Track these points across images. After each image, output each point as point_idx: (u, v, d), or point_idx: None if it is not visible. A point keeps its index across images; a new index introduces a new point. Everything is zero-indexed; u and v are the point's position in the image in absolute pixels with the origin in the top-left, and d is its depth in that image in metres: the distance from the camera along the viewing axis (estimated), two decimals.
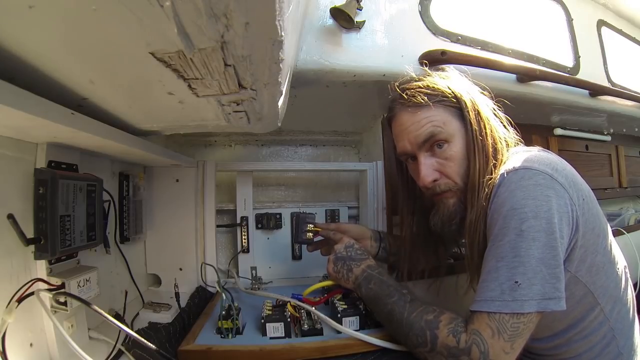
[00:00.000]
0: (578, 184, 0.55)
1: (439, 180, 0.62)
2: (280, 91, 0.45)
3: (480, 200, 0.57)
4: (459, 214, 0.62)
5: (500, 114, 0.66)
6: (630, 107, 1.26)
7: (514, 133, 0.65)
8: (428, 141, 0.61)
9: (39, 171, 0.47)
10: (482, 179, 0.57)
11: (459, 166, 0.61)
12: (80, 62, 0.36)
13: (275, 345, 0.60)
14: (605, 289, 0.57)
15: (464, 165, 0.61)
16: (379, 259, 0.83)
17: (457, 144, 0.61)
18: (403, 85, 0.65)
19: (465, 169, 0.61)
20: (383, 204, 1.00)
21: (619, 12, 1.37)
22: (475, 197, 0.58)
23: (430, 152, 0.62)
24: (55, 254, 0.47)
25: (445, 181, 0.62)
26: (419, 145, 0.62)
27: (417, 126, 0.62)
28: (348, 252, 0.69)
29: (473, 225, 0.58)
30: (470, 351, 0.48)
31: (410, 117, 0.63)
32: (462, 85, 0.64)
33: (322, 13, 0.73)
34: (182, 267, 0.91)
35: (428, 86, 0.63)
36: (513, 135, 0.65)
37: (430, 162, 0.62)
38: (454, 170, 0.61)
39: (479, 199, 0.57)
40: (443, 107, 0.62)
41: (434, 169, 0.62)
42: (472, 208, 0.58)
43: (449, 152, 0.61)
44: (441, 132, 0.60)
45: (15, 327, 0.43)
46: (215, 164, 0.95)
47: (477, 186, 0.58)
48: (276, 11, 0.27)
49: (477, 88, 0.66)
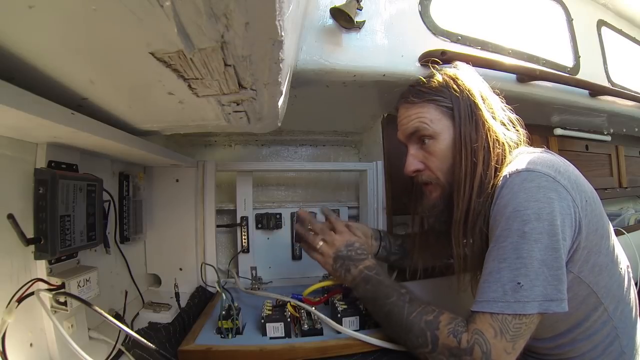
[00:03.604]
0: (581, 186, 0.55)
1: (422, 172, 0.68)
2: (280, 91, 0.45)
3: (464, 199, 0.60)
4: (438, 207, 0.67)
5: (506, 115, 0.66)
6: (630, 107, 1.26)
7: (521, 134, 0.65)
8: (414, 135, 0.67)
9: (39, 171, 0.47)
10: (467, 178, 0.60)
11: (441, 162, 0.65)
12: (80, 62, 0.36)
13: (275, 345, 0.60)
14: (608, 289, 0.57)
15: (447, 162, 0.64)
16: (379, 258, 0.83)
17: (442, 141, 0.64)
18: (413, 81, 0.70)
19: (448, 166, 0.64)
20: (383, 204, 1.00)
21: (619, 12, 1.37)
22: (460, 197, 0.60)
23: (419, 144, 0.68)
24: (55, 254, 0.47)
25: (427, 173, 0.67)
26: (407, 137, 0.69)
27: (407, 120, 0.67)
28: (348, 252, 0.69)
29: (457, 224, 0.61)
30: (473, 351, 0.48)
31: (405, 111, 0.69)
32: (465, 85, 0.64)
33: (322, 13, 0.73)
34: (182, 267, 0.91)
35: (430, 86, 0.66)
36: (519, 137, 0.65)
37: (417, 153, 0.68)
38: (436, 165, 0.65)
39: (463, 198, 0.60)
40: (435, 106, 0.65)
41: (418, 160, 0.68)
42: (457, 207, 0.61)
43: (432, 148, 0.65)
44: (426, 129, 0.65)
45: (15, 327, 0.43)
46: (215, 164, 0.95)
47: (462, 185, 0.60)
48: (276, 11, 0.27)
49: (486, 86, 0.67)
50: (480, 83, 0.67)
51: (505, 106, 0.67)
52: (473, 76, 0.67)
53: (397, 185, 0.98)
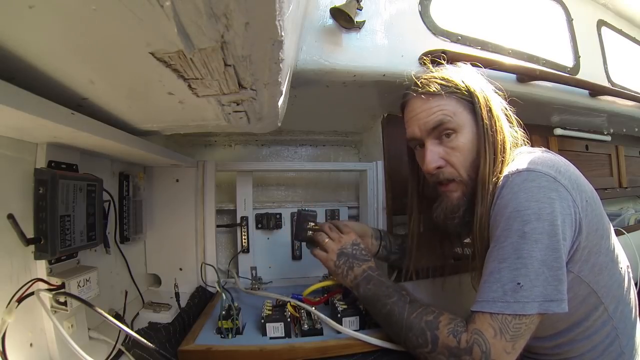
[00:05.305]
0: (581, 186, 0.55)
1: (444, 169, 0.63)
2: (280, 91, 0.45)
3: (489, 195, 0.57)
4: (462, 207, 0.63)
5: (511, 115, 0.66)
6: (630, 107, 1.26)
7: (522, 135, 0.65)
8: (437, 129, 0.62)
9: (39, 171, 0.47)
10: (491, 174, 0.58)
11: (464, 157, 0.61)
12: (80, 62, 0.36)
13: (275, 345, 0.60)
14: (608, 289, 0.57)
15: (470, 157, 0.61)
16: (380, 258, 0.83)
17: (465, 135, 0.62)
18: (419, 75, 0.67)
19: (470, 161, 0.61)
20: (383, 204, 1.00)
21: (619, 12, 1.37)
22: (485, 192, 0.58)
23: (438, 140, 0.63)
24: (55, 254, 0.47)
25: (449, 170, 0.63)
26: (428, 132, 0.63)
27: (428, 113, 0.63)
28: (354, 250, 0.69)
29: (479, 221, 0.58)
30: (472, 351, 0.48)
31: (422, 103, 0.64)
32: (475, 81, 0.64)
33: (322, 13, 0.73)
34: (182, 267, 0.91)
35: (443, 77, 0.64)
36: (521, 137, 0.65)
37: (437, 149, 0.63)
38: (459, 161, 0.62)
39: (488, 195, 0.57)
40: (455, 98, 0.62)
41: (439, 156, 0.63)
42: (482, 202, 0.58)
43: (456, 142, 0.62)
44: (450, 121, 0.61)
45: (15, 327, 0.43)
46: (215, 164, 0.95)
47: (487, 181, 0.58)
48: (276, 11, 0.27)
49: (491, 86, 0.66)
50: (485, 84, 0.66)
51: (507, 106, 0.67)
52: (477, 76, 0.67)
53: (397, 185, 0.98)
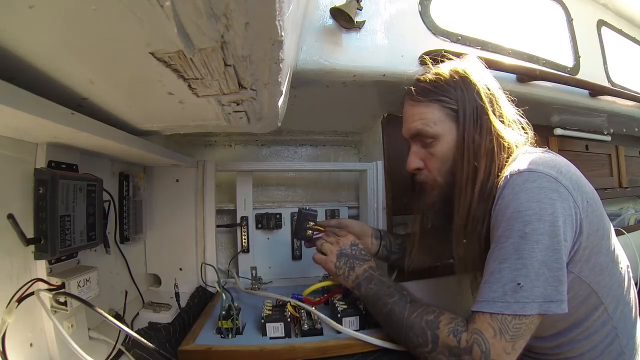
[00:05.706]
0: (582, 186, 0.55)
1: (422, 171, 0.68)
2: (280, 91, 0.45)
3: (465, 205, 0.59)
4: (437, 206, 0.67)
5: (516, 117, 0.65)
6: (630, 107, 1.26)
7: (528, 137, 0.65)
8: (417, 136, 0.67)
9: (39, 171, 0.47)
10: (468, 183, 0.59)
11: (441, 164, 0.65)
12: (80, 62, 0.36)
13: (275, 345, 0.60)
14: (608, 289, 0.57)
15: (447, 164, 0.64)
16: (380, 257, 0.83)
17: (444, 143, 0.64)
18: (419, 75, 0.69)
19: (448, 168, 0.64)
20: (383, 204, 1.00)
21: (619, 12, 1.37)
22: (460, 202, 0.60)
23: (421, 143, 0.67)
24: (55, 254, 0.47)
25: (426, 173, 0.68)
26: (410, 136, 0.69)
27: (412, 119, 0.67)
28: (353, 251, 0.69)
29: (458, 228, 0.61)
30: (472, 350, 0.48)
31: (409, 108, 0.68)
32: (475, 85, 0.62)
33: (322, 13, 0.73)
34: (182, 267, 0.91)
35: (435, 82, 0.64)
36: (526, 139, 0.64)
37: (419, 152, 0.68)
38: (436, 167, 0.65)
39: (464, 204, 0.59)
40: (440, 106, 0.63)
41: (419, 159, 0.68)
42: (457, 213, 0.60)
43: (433, 149, 0.65)
44: (428, 131, 0.64)
45: (15, 327, 0.43)
46: (215, 164, 0.95)
47: (463, 190, 0.60)
48: (276, 11, 0.27)
49: (497, 85, 0.65)
50: (490, 80, 0.65)
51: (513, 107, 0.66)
52: (483, 72, 0.65)
53: (397, 185, 0.98)
